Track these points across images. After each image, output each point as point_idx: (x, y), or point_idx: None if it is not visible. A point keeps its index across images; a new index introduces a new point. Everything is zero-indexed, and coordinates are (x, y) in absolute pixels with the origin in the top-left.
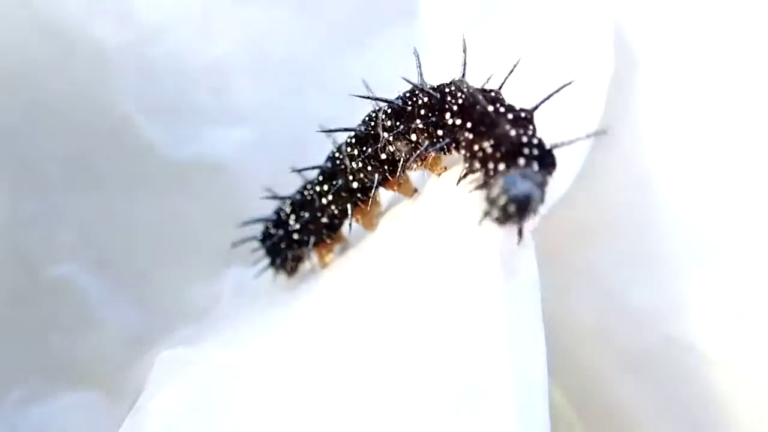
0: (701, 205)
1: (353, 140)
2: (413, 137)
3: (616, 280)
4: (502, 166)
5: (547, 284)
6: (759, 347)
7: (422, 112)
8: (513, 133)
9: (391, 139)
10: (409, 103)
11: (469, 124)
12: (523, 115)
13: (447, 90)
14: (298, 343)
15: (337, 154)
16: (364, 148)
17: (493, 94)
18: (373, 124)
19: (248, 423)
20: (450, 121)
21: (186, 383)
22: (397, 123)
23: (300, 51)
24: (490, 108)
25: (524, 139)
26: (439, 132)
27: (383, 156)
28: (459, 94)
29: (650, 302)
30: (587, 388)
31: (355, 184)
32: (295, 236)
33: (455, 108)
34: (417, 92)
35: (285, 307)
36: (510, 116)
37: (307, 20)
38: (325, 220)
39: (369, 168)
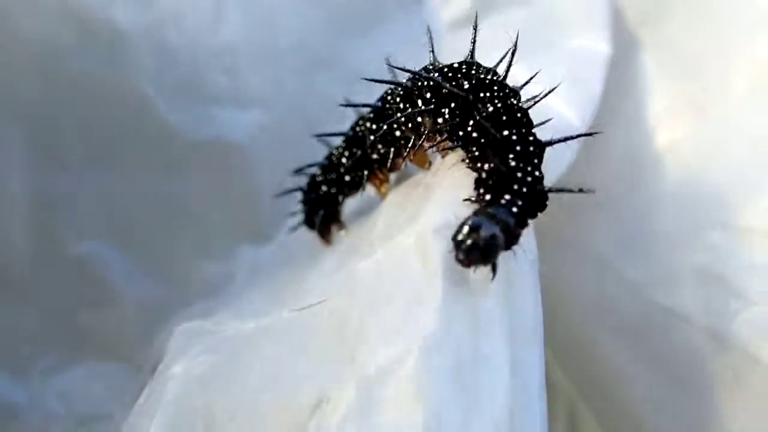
0: (695, 179)
1: (372, 114)
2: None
3: (612, 252)
4: (488, 196)
5: (543, 257)
6: (752, 318)
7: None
8: (511, 164)
9: (403, 120)
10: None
11: (482, 141)
12: (532, 148)
13: (480, 95)
14: (310, 315)
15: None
16: (380, 123)
17: (515, 107)
18: (390, 102)
19: (263, 389)
20: (470, 130)
21: (202, 351)
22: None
23: (310, 34)
24: (503, 134)
25: (518, 175)
26: (461, 133)
27: (397, 133)
28: (493, 101)
29: (645, 274)
30: (582, 358)
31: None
32: (347, 178)
33: (485, 114)
34: (444, 89)
35: (298, 282)
36: (518, 148)
37: (317, 4)
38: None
39: (388, 138)
